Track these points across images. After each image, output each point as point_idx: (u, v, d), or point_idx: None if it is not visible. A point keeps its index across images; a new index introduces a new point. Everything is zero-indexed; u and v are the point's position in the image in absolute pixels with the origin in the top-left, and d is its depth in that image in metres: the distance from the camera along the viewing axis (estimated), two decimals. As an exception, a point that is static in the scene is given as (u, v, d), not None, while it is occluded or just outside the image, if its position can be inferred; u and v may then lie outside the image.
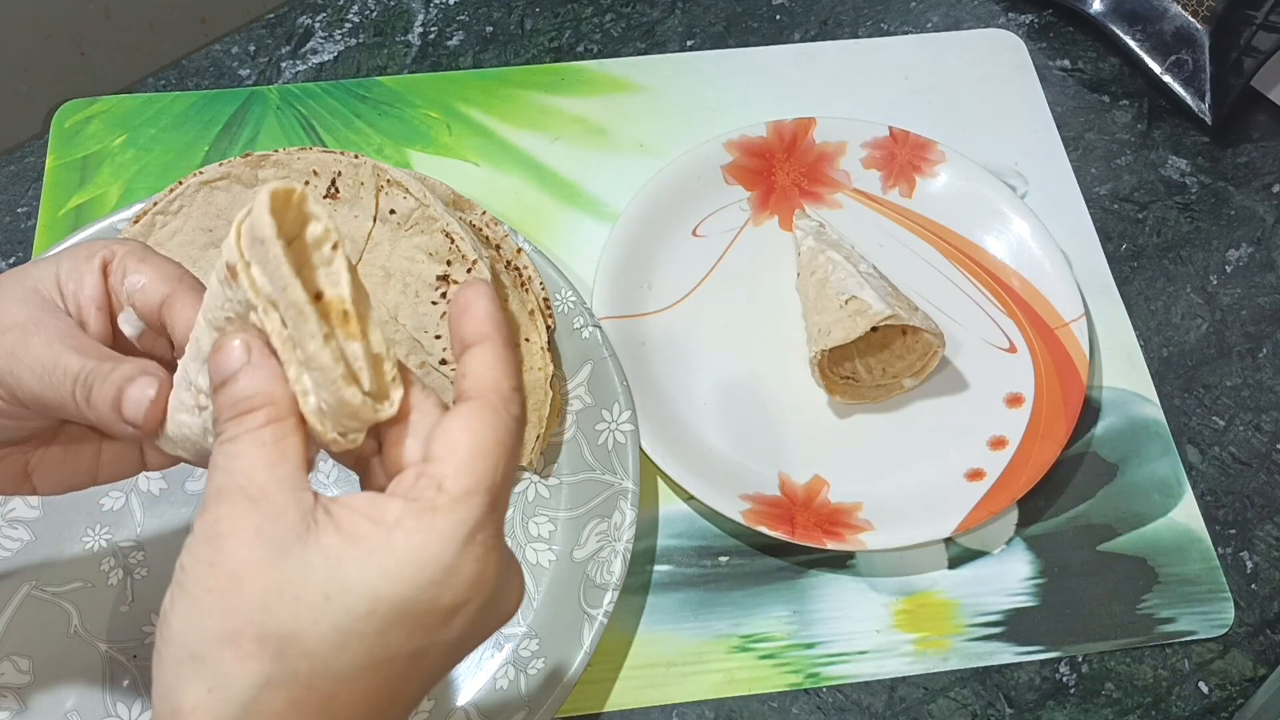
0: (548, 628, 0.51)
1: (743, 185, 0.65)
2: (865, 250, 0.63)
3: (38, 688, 0.50)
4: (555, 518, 0.55)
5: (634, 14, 0.75)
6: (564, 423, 0.56)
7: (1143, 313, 0.64)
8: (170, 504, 0.54)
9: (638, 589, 0.54)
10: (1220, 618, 0.55)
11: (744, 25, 0.74)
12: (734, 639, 0.53)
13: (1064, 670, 0.53)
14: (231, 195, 0.58)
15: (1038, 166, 0.68)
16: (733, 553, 0.55)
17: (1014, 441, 0.57)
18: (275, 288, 0.30)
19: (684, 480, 0.54)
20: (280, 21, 0.73)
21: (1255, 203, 0.68)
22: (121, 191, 0.65)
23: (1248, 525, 0.57)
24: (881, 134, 0.66)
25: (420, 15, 0.74)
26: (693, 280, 0.63)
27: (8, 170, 0.66)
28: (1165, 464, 0.59)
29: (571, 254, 0.63)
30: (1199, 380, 0.62)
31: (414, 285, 0.56)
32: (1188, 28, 0.70)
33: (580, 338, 0.58)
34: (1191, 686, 0.53)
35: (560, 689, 0.49)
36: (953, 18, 0.75)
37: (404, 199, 0.57)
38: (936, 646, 0.53)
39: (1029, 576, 0.55)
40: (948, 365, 0.60)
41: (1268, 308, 0.64)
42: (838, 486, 0.56)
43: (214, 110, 0.68)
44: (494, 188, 0.66)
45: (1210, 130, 0.70)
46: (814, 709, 0.52)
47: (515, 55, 0.72)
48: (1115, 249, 0.66)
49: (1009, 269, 0.63)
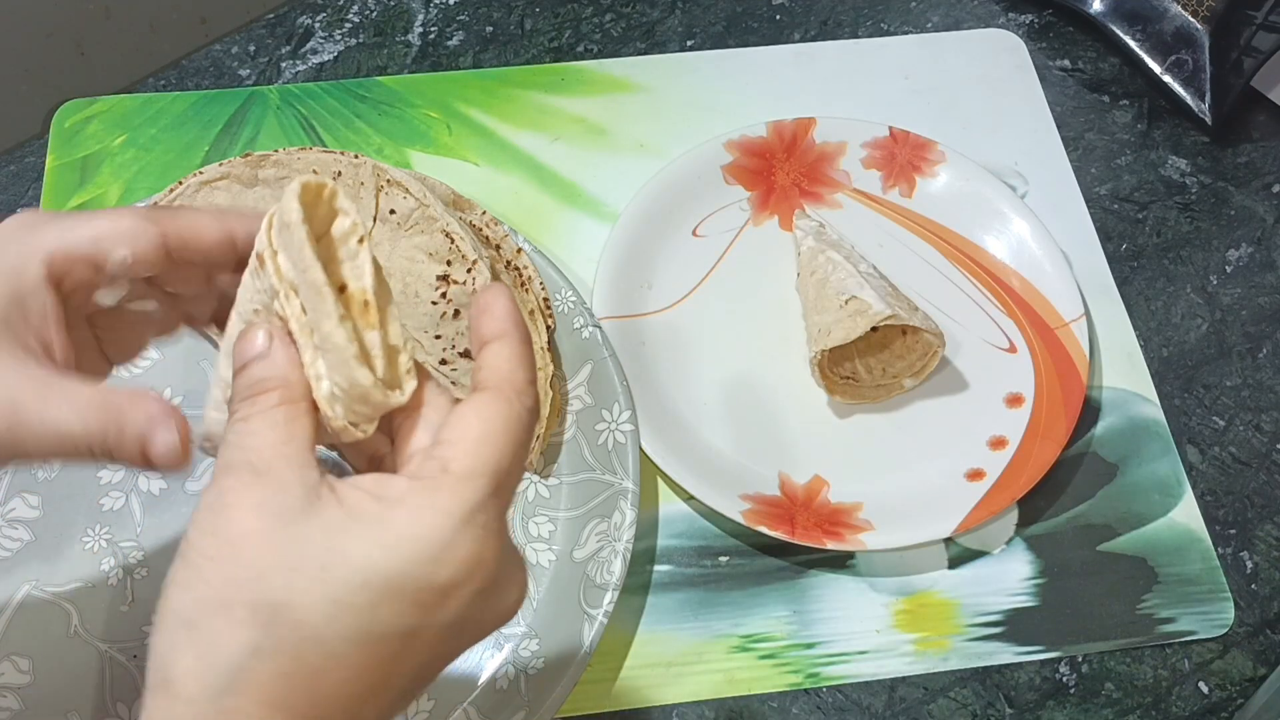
0: (548, 628, 0.51)
1: (743, 185, 0.65)
2: (865, 250, 0.63)
3: (38, 688, 0.50)
4: (555, 518, 0.55)
5: (634, 14, 0.75)
6: (564, 423, 0.57)
7: (1143, 313, 0.64)
8: (170, 504, 0.54)
9: (638, 589, 0.54)
10: (1220, 618, 0.55)
11: (744, 25, 0.74)
12: (734, 639, 0.53)
13: (1064, 670, 0.53)
14: (231, 195, 0.58)
15: (1038, 166, 0.68)
16: (733, 553, 0.55)
17: (1014, 441, 0.57)
18: (297, 270, 0.30)
19: (684, 480, 0.54)
20: (280, 21, 0.73)
21: (1255, 203, 0.68)
22: (121, 191, 0.65)
23: (1248, 525, 0.57)
24: (881, 134, 0.66)
25: (420, 15, 0.74)
26: (693, 280, 0.63)
27: (8, 170, 0.66)
28: (1165, 464, 0.59)
29: (571, 254, 0.63)
30: (1199, 380, 0.62)
31: (414, 285, 0.56)
32: (1188, 28, 0.70)
33: (580, 338, 0.58)
34: (1191, 686, 0.53)
35: (560, 689, 0.49)
36: (953, 18, 0.75)
37: (404, 199, 0.57)
38: (936, 646, 0.53)
39: (1029, 576, 0.55)
40: (948, 365, 0.60)
41: (1268, 308, 0.64)
42: (838, 486, 0.56)
43: (214, 110, 0.68)
44: (494, 188, 0.66)
45: (1210, 130, 0.70)
46: (814, 709, 0.52)
47: (515, 55, 0.72)
48: (1115, 249, 0.66)
49: (1009, 269, 0.63)
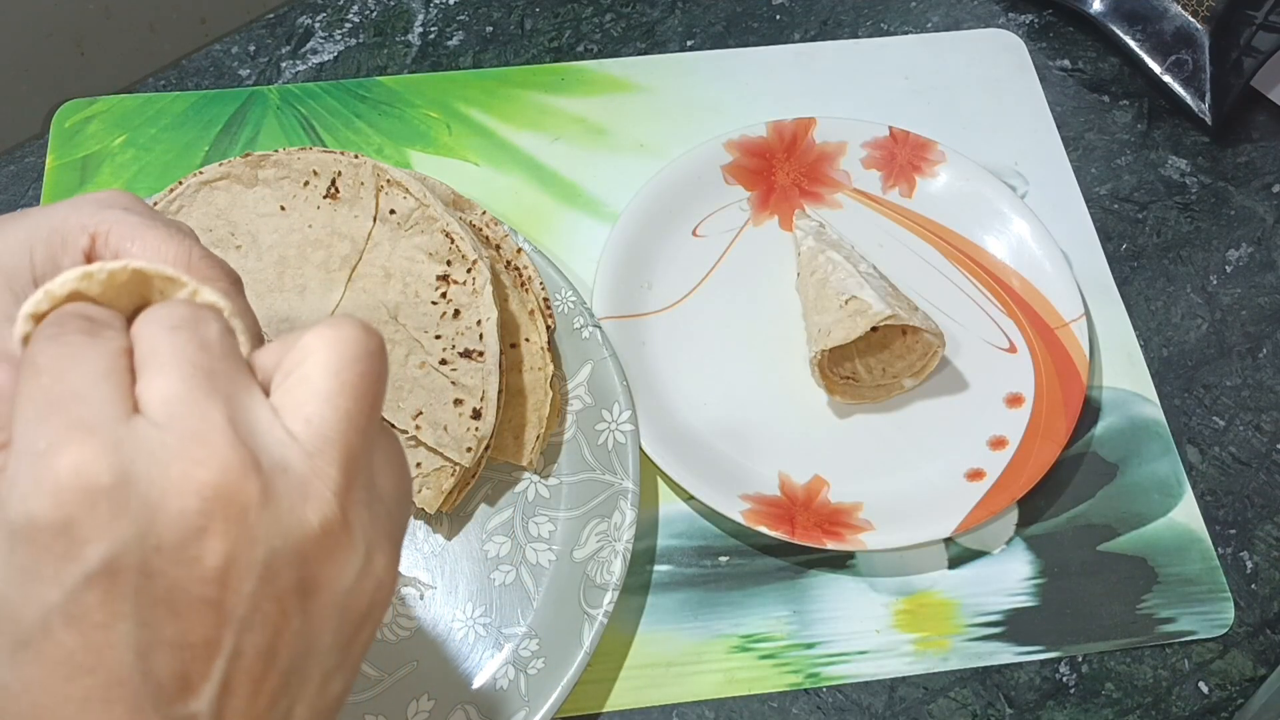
0: (548, 628, 0.51)
1: (743, 185, 0.65)
2: (865, 250, 0.63)
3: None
4: (555, 518, 0.55)
5: (634, 14, 0.75)
6: (564, 423, 0.57)
7: (1143, 313, 0.64)
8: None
9: (638, 589, 0.54)
10: (1220, 618, 0.55)
11: (744, 25, 0.74)
12: (734, 639, 0.53)
13: (1064, 670, 0.53)
14: (231, 195, 0.58)
15: (1038, 166, 0.68)
16: (733, 553, 0.55)
17: (1014, 441, 0.57)
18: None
19: (684, 480, 0.54)
20: (280, 21, 0.73)
21: (1255, 203, 0.68)
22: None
23: (1248, 525, 0.57)
24: (881, 134, 0.66)
25: (420, 15, 0.74)
26: (693, 280, 0.63)
27: (8, 170, 0.66)
28: (1165, 464, 0.59)
29: (571, 254, 0.63)
30: (1199, 380, 0.62)
31: (414, 285, 0.56)
32: (1188, 28, 0.70)
33: (580, 338, 0.58)
34: (1191, 686, 0.53)
35: (560, 689, 0.49)
36: (953, 18, 0.75)
37: (404, 199, 0.57)
38: (936, 646, 0.53)
39: (1029, 576, 0.55)
40: (948, 365, 0.60)
41: (1268, 308, 0.64)
42: (838, 486, 0.56)
43: (214, 110, 0.68)
44: (494, 188, 0.66)
45: (1210, 130, 0.70)
46: (814, 709, 0.52)
47: (515, 55, 0.72)
48: (1115, 249, 0.66)
49: (1009, 269, 0.63)
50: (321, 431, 0.27)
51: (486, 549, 0.54)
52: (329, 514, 0.26)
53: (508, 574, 0.53)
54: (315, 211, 0.58)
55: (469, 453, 0.52)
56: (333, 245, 0.57)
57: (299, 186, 0.58)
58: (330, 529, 0.26)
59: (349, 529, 0.27)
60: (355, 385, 0.27)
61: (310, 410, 0.27)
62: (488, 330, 0.54)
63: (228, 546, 0.25)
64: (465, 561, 0.54)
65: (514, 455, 0.55)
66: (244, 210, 0.58)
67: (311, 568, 0.26)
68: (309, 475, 0.26)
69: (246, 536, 0.25)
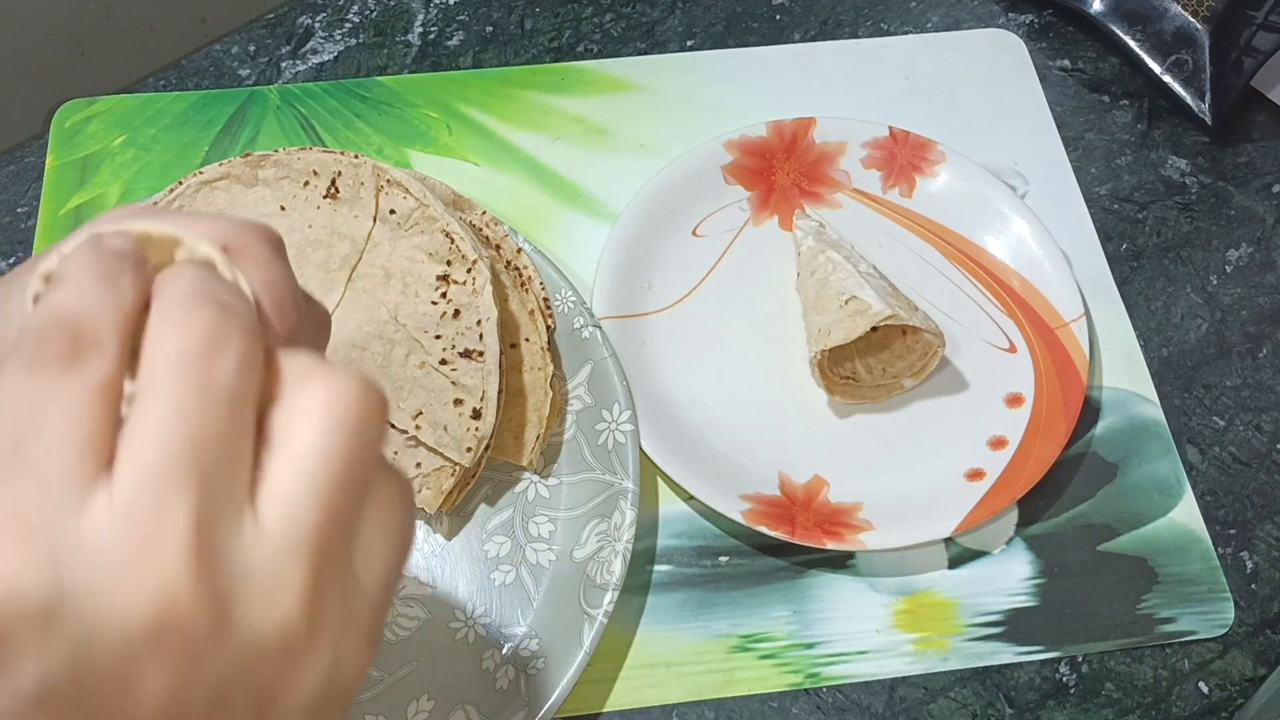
0: (548, 628, 0.51)
1: (743, 185, 0.65)
2: (865, 250, 0.63)
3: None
4: (555, 518, 0.55)
5: (634, 14, 0.75)
6: (564, 423, 0.57)
7: (1143, 313, 0.64)
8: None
9: (638, 589, 0.54)
10: (1220, 618, 0.55)
11: (744, 25, 0.74)
12: (734, 639, 0.53)
13: (1064, 670, 0.53)
14: (231, 195, 0.58)
15: (1038, 166, 0.68)
16: (733, 553, 0.55)
17: (1014, 441, 0.57)
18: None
19: (684, 480, 0.54)
20: (280, 21, 0.73)
21: (1255, 203, 0.68)
22: (121, 191, 0.65)
23: (1248, 525, 0.57)
24: (881, 134, 0.66)
25: (420, 15, 0.74)
26: (693, 280, 0.63)
27: (8, 170, 0.66)
28: (1165, 464, 0.59)
29: (571, 254, 0.63)
30: (1199, 380, 0.62)
31: (414, 285, 0.56)
32: (1188, 28, 0.70)
33: (580, 338, 0.58)
34: (1191, 686, 0.53)
35: (560, 689, 0.49)
36: (953, 18, 0.75)
37: (404, 199, 0.57)
38: (936, 646, 0.53)
39: (1029, 576, 0.55)
40: (948, 365, 0.60)
41: (1268, 308, 0.64)
42: (838, 486, 0.56)
43: (214, 110, 0.68)
44: (494, 188, 0.66)
45: (1210, 130, 0.70)
46: (814, 709, 0.52)
47: (515, 55, 0.72)
48: (1115, 249, 0.66)
49: (1009, 269, 0.63)
50: (297, 525, 0.24)
51: (486, 549, 0.54)
52: (291, 624, 0.24)
53: (508, 574, 0.53)
54: (315, 211, 0.58)
55: (469, 453, 0.52)
56: (333, 245, 0.57)
57: (299, 186, 0.58)
58: (290, 642, 0.24)
59: (315, 634, 0.25)
60: (343, 472, 0.25)
61: (292, 497, 0.24)
62: (488, 330, 0.54)
63: (168, 680, 0.23)
64: (465, 561, 0.54)
65: (514, 455, 0.55)
66: (244, 210, 0.58)
67: (269, 683, 0.24)
68: (273, 581, 0.24)
69: (191, 666, 0.23)
